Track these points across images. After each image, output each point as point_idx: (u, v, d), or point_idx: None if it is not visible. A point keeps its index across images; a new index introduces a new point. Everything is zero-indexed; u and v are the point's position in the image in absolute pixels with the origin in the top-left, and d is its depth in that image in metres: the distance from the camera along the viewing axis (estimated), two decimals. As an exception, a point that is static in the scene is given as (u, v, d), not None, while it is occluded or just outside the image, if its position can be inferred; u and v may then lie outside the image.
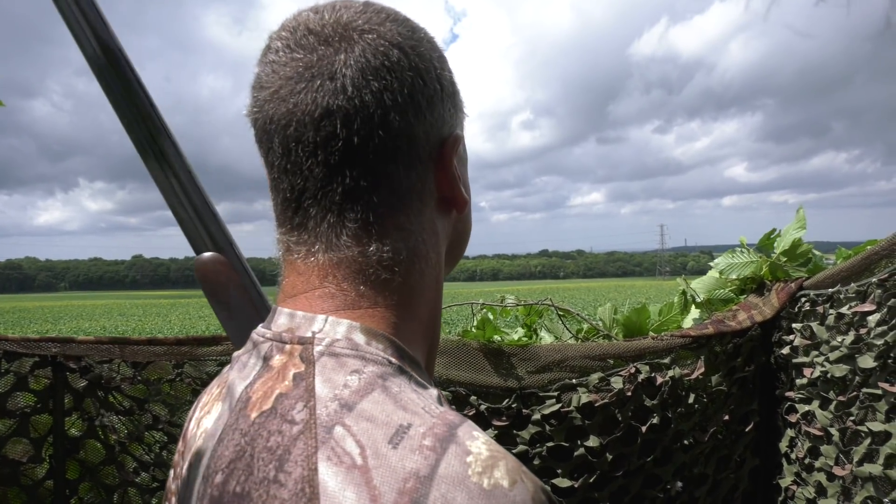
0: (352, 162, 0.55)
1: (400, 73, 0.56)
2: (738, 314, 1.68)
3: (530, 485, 0.45)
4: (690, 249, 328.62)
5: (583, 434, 1.54)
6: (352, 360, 0.53)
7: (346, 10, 0.58)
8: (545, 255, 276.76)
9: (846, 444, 1.45)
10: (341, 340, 0.54)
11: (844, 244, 1.79)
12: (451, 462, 0.45)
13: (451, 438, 0.46)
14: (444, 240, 0.64)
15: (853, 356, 1.40)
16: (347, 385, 0.51)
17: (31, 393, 1.55)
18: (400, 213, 0.57)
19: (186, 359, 1.57)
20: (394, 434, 0.47)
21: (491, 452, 0.46)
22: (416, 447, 0.46)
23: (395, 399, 0.50)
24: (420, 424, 0.47)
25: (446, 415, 0.49)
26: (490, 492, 0.43)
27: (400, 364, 0.55)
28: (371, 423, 0.48)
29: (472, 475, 0.44)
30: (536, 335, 1.84)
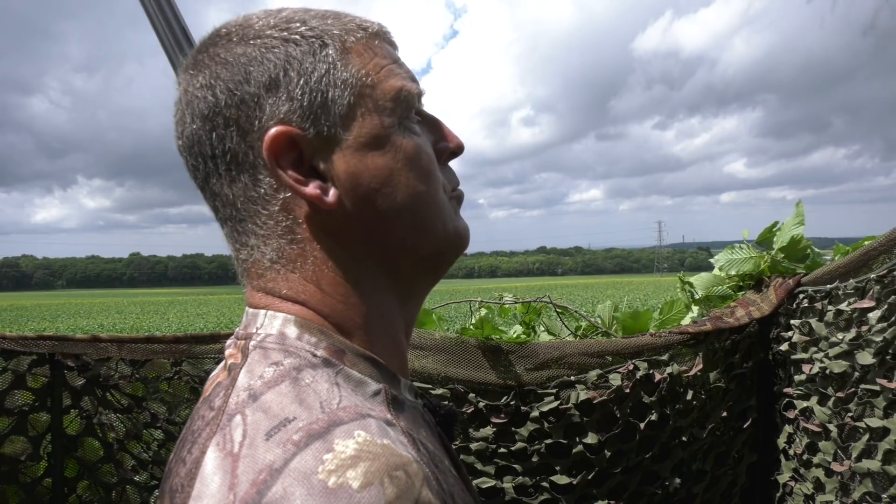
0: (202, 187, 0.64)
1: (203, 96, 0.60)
2: (737, 311, 1.68)
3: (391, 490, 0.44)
4: (688, 246, 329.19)
5: (581, 431, 1.54)
6: (276, 352, 0.57)
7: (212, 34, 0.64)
8: (543, 251, 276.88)
9: (844, 440, 1.45)
10: (274, 335, 0.58)
11: (843, 240, 1.79)
12: (306, 458, 0.45)
13: (321, 435, 0.47)
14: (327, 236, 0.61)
15: (852, 352, 1.40)
16: (262, 376, 0.54)
17: (28, 391, 1.55)
18: (248, 220, 0.62)
19: (185, 357, 1.57)
20: (274, 426, 0.48)
21: (358, 453, 0.45)
22: (284, 440, 0.47)
23: (299, 392, 0.52)
24: (303, 419, 0.48)
25: (339, 412, 0.50)
26: (332, 491, 0.43)
27: (329, 357, 0.57)
28: (264, 414, 0.50)
29: (322, 472, 0.44)
30: (534, 332, 1.85)
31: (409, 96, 0.64)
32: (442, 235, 0.66)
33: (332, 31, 0.62)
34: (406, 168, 0.62)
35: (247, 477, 0.45)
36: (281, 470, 0.45)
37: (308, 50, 0.60)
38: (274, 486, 0.44)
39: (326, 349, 0.58)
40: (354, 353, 0.59)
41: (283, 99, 0.59)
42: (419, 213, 0.63)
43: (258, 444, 0.47)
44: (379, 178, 0.61)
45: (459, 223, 0.69)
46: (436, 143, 0.68)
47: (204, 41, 0.64)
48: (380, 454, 0.46)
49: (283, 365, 0.55)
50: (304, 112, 0.59)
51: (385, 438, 0.48)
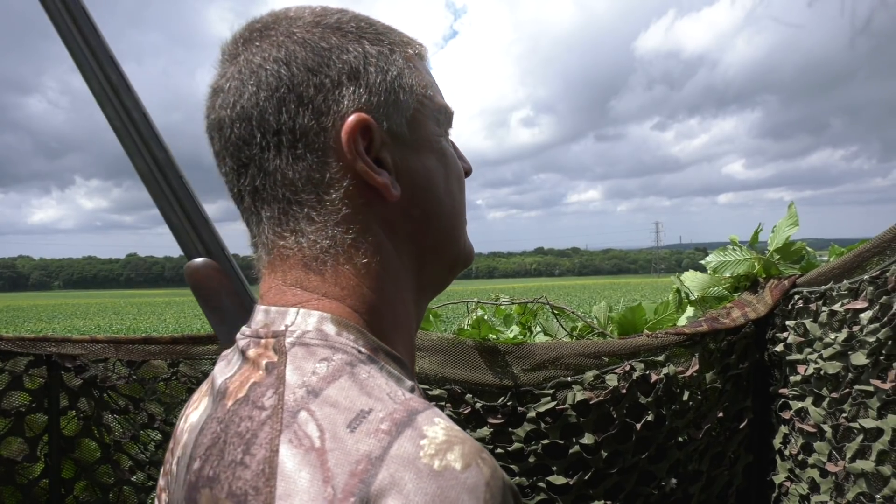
0: (247, 164, 0.60)
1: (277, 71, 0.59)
2: (732, 311, 1.69)
3: (487, 470, 0.45)
4: (685, 247, 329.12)
5: (578, 431, 1.55)
6: (321, 349, 0.55)
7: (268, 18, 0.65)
8: (541, 252, 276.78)
9: (839, 440, 1.46)
10: (311, 332, 0.57)
11: (839, 241, 1.79)
12: (404, 444, 0.46)
13: (409, 423, 0.47)
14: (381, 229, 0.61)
15: (846, 353, 1.41)
16: (316, 372, 0.53)
17: (26, 392, 1.54)
18: (303, 205, 0.60)
19: (181, 358, 1.57)
20: (354, 418, 0.48)
21: (448, 437, 0.46)
22: (373, 431, 0.47)
23: (361, 385, 0.52)
24: (381, 410, 0.49)
25: (410, 402, 0.50)
26: (440, 473, 0.44)
27: (370, 354, 0.57)
28: (334, 408, 0.49)
29: (424, 457, 0.45)
30: (531, 333, 1.85)
31: (451, 115, 0.70)
32: (461, 245, 0.71)
33: (397, 40, 0.66)
34: (449, 175, 0.67)
35: (342, 469, 0.46)
36: (382, 458, 0.45)
37: (383, 51, 0.63)
38: (379, 473, 0.44)
39: (365, 346, 0.57)
40: (385, 351, 0.59)
41: (363, 90, 0.60)
42: (452, 219, 0.68)
43: (343, 437, 0.47)
44: (431, 180, 0.65)
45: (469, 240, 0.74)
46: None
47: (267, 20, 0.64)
48: (465, 438, 0.47)
49: (333, 360, 0.54)
50: (380, 105, 0.61)
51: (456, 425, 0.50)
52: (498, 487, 0.46)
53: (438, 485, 0.44)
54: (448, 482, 0.44)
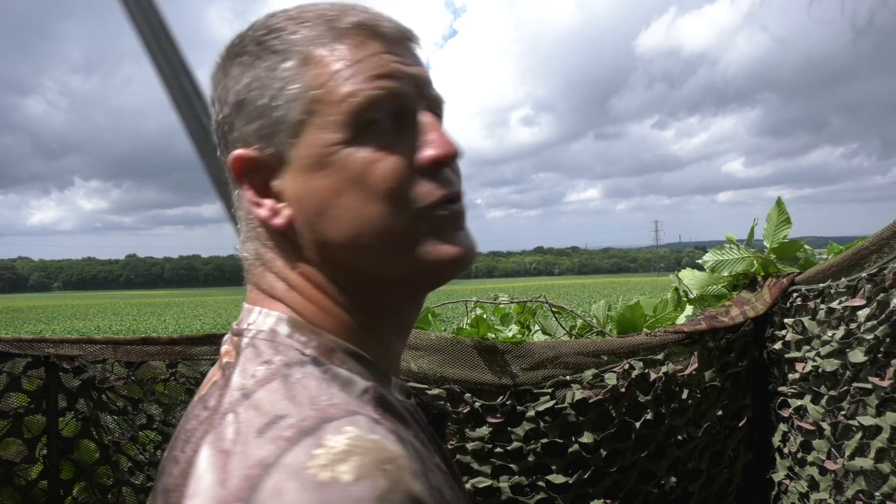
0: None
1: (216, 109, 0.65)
2: (731, 310, 1.69)
3: (383, 483, 0.44)
4: (685, 245, 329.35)
5: (577, 430, 1.55)
6: (267, 351, 0.58)
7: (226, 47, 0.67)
8: (540, 252, 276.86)
9: (838, 438, 1.46)
10: (265, 332, 0.60)
11: (839, 239, 1.79)
12: (296, 453, 0.46)
13: (312, 431, 0.47)
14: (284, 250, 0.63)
15: (844, 351, 1.41)
16: (254, 375, 0.55)
17: (24, 393, 1.54)
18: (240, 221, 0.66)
19: (180, 358, 1.57)
20: (266, 423, 0.49)
21: (350, 448, 0.46)
22: (276, 437, 0.47)
23: (288, 390, 0.53)
24: (294, 416, 0.49)
25: (330, 409, 0.50)
26: (325, 484, 0.43)
27: (318, 356, 0.58)
28: (255, 412, 0.51)
29: (312, 467, 0.44)
30: (529, 332, 1.85)
31: (363, 102, 0.58)
32: (408, 263, 0.60)
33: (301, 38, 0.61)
34: (351, 189, 0.58)
35: (238, 472, 0.46)
36: (273, 465, 0.45)
37: (270, 65, 0.61)
38: (266, 480, 0.44)
39: (316, 348, 0.58)
40: (345, 351, 0.60)
41: (245, 119, 0.61)
42: (371, 239, 0.59)
43: (250, 441, 0.48)
44: (322, 202, 0.59)
45: (440, 248, 0.60)
46: (416, 152, 0.61)
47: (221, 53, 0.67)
48: (370, 448, 0.46)
49: (273, 363, 0.56)
50: (259, 132, 0.60)
51: (375, 434, 0.48)
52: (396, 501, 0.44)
53: (320, 496, 0.43)
54: (331, 494, 0.43)
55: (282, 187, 0.60)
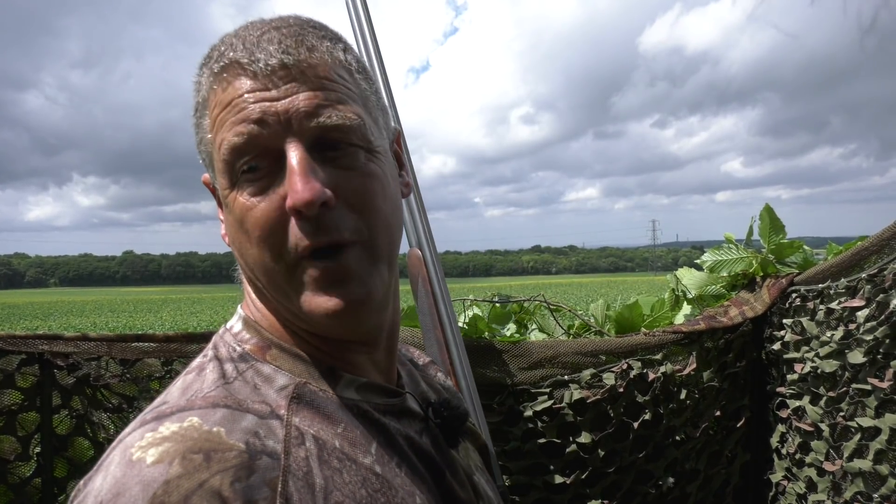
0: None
1: None
2: (730, 310, 1.68)
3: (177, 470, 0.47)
4: (682, 244, 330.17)
5: (575, 430, 1.54)
6: (211, 345, 0.65)
7: None
8: (537, 250, 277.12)
9: (836, 439, 1.45)
10: (225, 328, 0.67)
11: (837, 239, 1.79)
12: (134, 434, 0.52)
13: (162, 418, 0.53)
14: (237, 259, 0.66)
15: (843, 352, 1.40)
16: (191, 364, 0.63)
17: (17, 390, 1.53)
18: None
19: (176, 356, 1.56)
20: (153, 407, 0.56)
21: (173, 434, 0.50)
22: (141, 419, 0.54)
23: (191, 381, 0.59)
24: (169, 404, 0.55)
25: (197, 400, 0.55)
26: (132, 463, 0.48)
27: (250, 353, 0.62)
28: (162, 397, 0.58)
29: (134, 447, 0.50)
30: (527, 331, 1.84)
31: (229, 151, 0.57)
32: (296, 310, 0.60)
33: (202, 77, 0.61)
34: (238, 231, 0.60)
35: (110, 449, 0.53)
36: (122, 440, 0.52)
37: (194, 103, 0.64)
38: (109, 456, 0.51)
39: (254, 345, 0.63)
40: (280, 348, 0.64)
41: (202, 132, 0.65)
42: (261, 278, 0.60)
43: (134, 423, 0.54)
44: (230, 236, 0.64)
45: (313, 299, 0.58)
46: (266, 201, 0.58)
47: None
48: (191, 438, 0.50)
49: (207, 356, 0.63)
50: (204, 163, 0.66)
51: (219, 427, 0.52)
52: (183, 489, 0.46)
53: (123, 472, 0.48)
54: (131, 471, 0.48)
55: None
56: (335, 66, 0.60)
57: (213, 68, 0.59)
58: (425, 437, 0.69)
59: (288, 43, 0.58)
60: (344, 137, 0.58)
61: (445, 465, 0.69)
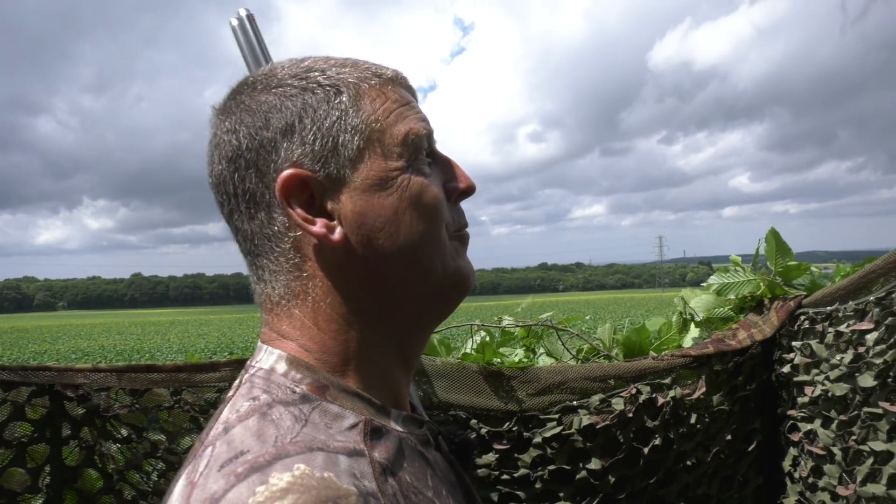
0: (228, 221, 0.69)
1: (228, 140, 0.66)
2: (738, 333, 1.68)
3: None
4: (689, 261, 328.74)
5: (584, 456, 1.53)
6: (258, 388, 0.61)
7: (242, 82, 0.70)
8: (544, 268, 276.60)
9: (849, 463, 1.44)
10: (265, 369, 0.63)
11: (844, 254, 1.79)
12: (242, 489, 0.48)
13: (262, 468, 0.50)
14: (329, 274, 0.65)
15: (853, 375, 1.39)
16: (239, 410, 0.58)
17: (28, 422, 1.54)
18: (263, 256, 0.67)
19: (185, 385, 1.56)
20: (230, 458, 0.52)
21: (290, 486, 0.48)
22: (230, 472, 0.50)
23: (261, 427, 0.55)
24: (253, 452, 0.52)
25: (289, 447, 0.53)
26: None
27: (310, 393, 0.61)
28: (227, 447, 0.54)
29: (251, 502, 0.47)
30: (535, 355, 1.84)
31: (417, 138, 0.67)
32: (441, 275, 0.68)
33: (348, 78, 0.67)
34: (410, 208, 0.66)
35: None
36: (220, 499, 0.48)
37: (323, 97, 0.65)
38: None
39: (309, 385, 0.62)
40: (338, 388, 0.63)
41: (296, 143, 0.64)
42: (420, 252, 0.66)
43: (211, 475, 0.51)
44: (383, 218, 0.65)
45: (462, 264, 0.71)
46: (447, 183, 0.71)
47: (234, 89, 0.70)
48: (313, 486, 0.48)
49: (258, 400, 0.59)
50: (315, 155, 0.64)
51: (328, 472, 0.50)
52: None
53: None
54: None
55: (335, 207, 0.64)
56: None
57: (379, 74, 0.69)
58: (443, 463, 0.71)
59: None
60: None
61: (464, 491, 0.72)
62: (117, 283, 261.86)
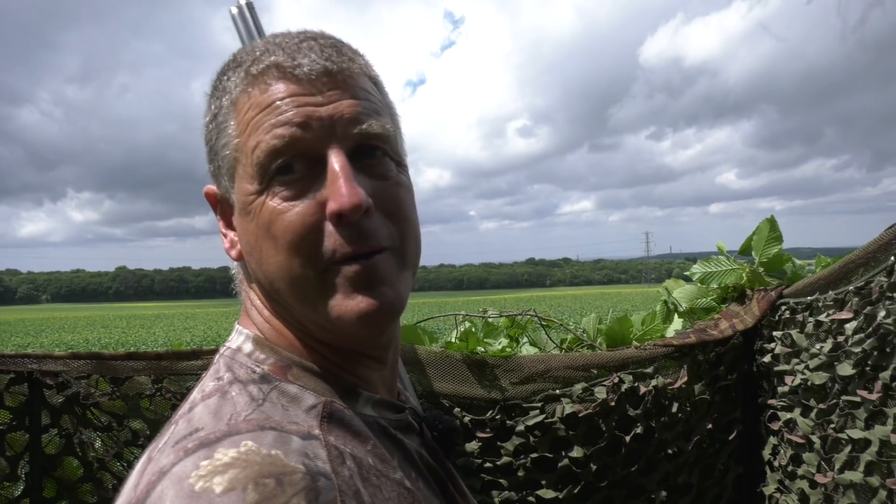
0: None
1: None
2: (720, 323, 1.69)
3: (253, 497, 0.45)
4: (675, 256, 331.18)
5: (567, 445, 1.54)
6: (223, 367, 0.62)
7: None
8: (532, 263, 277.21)
9: (827, 451, 1.46)
10: (231, 349, 0.64)
11: (829, 250, 1.80)
12: (186, 463, 0.49)
13: (210, 444, 0.50)
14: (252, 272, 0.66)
15: (832, 364, 1.41)
16: (204, 390, 0.59)
17: (6, 410, 1.52)
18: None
19: (166, 373, 1.55)
20: (185, 435, 0.53)
21: (234, 461, 0.48)
22: (181, 448, 0.51)
23: (220, 405, 0.56)
24: (206, 430, 0.53)
25: (241, 424, 0.53)
26: (197, 493, 0.46)
27: (271, 374, 0.60)
28: (186, 424, 0.55)
29: (193, 477, 0.47)
30: (519, 345, 1.84)
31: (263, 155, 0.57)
32: (319, 315, 0.59)
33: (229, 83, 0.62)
34: (265, 237, 0.59)
35: (146, 478, 0.50)
36: (166, 473, 0.49)
37: (218, 105, 0.64)
38: (157, 486, 0.48)
39: (272, 365, 0.61)
40: (301, 367, 0.62)
41: (208, 157, 0.67)
42: (284, 285, 0.59)
43: (166, 450, 0.52)
44: (249, 244, 0.62)
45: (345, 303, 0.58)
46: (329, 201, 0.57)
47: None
48: (256, 462, 0.48)
49: (222, 379, 0.60)
50: (213, 173, 0.66)
51: (276, 450, 0.50)
52: None
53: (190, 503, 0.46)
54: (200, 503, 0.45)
55: (234, 222, 0.66)
56: (368, 78, 0.64)
57: (249, 70, 0.60)
58: (425, 449, 0.70)
59: (329, 52, 0.60)
60: (381, 146, 0.61)
61: (447, 476, 0.71)
62: (102, 276, 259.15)
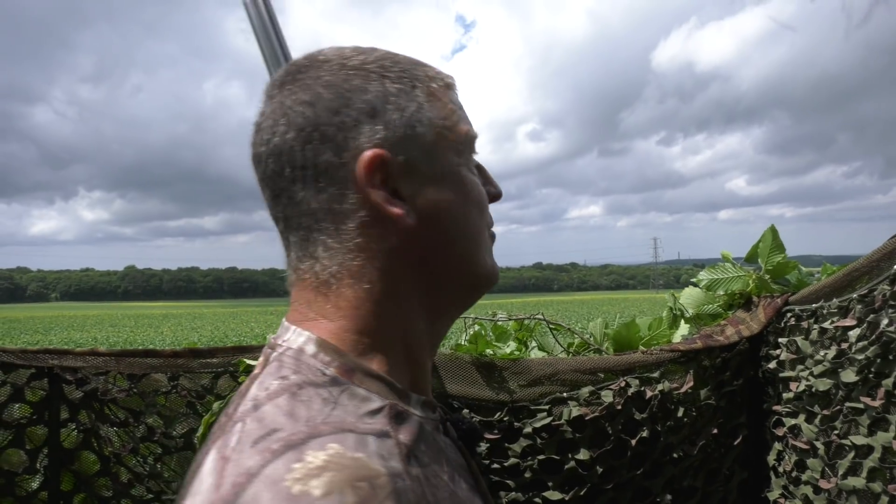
0: (279, 194, 0.68)
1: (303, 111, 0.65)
2: (726, 329, 1.71)
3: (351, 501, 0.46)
4: (684, 262, 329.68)
5: (573, 447, 1.56)
6: (287, 367, 0.61)
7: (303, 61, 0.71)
8: (539, 267, 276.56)
9: (831, 457, 1.48)
10: (294, 350, 0.63)
11: (839, 258, 1.82)
12: (277, 465, 0.48)
13: (296, 446, 0.50)
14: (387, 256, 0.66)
15: (836, 370, 1.43)
16: (268, 388, 0.58)
17: (27, 404, 1.56)
18: (322, 233, 0.66)
19: (182, 371, 1.59)
20: (262, 435, 0.52)
21: (327, 463, 0.48)
22: (265, 449, 0.50)
23: (292, 406, 0.55)
24: (287, 430, 0.52)
25: (321, 426, 0.53)
26: (295, 496, 0.46)
27: (339, 376, 0.61)
28: (258, 424, 0.54)
29: (288, 479, 0.47)
30: (527, 348, 1.87)
31: (472, 140, 0.75)
32: (482, 267, 0.74)
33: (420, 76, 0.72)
34: (469, 201, 0.72)
35: (230, 479, 0.49)
36: (256, 474, 0.48)
37: (403, 88, 0.69)
38: (248, 488, 0.47)
39: (338, 368, 0.62)
40: (364, 372, 0.63)
41: (380, 126, 0.66)
42: (471, 243, 0.73)
43: (245, 450, 0.51)
44: (446, 209, 0.69)
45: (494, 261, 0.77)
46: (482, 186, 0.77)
47: (301, 63, 0.70)
48: (347, 465, 0.49)
49: (288, 379, 0.59)
50: (396, 141, 0.66)
51: (360, 452, 0.51)
52: None
53: None
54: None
55: (407, 192, 0.67)
56: None
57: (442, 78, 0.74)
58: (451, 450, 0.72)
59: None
60: None
61: (474, 476, 0.73)
62: (111, 275, 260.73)
